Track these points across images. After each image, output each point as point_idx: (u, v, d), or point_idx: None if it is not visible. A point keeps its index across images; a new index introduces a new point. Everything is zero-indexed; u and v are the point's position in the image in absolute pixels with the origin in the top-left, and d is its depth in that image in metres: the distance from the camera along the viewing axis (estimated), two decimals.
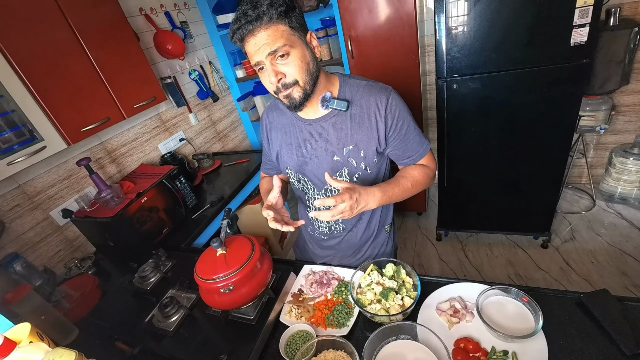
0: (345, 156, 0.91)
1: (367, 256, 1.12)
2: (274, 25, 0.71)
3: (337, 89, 0.89)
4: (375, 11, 1.87)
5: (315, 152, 0.93)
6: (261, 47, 0.72)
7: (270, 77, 0.76)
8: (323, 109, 0.88)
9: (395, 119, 0.87)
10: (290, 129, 0.96)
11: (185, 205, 1.69)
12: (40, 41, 1.16)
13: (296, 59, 0.75)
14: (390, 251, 1.15)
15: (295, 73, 0.77)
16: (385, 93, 0.87)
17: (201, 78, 2.27)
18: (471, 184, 2.01)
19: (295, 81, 0.78)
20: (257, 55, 0.74)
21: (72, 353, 0.71)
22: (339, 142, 0.90)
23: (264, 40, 0.71)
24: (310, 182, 0.99)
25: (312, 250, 1.18)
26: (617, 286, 1.81)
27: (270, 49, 0.72)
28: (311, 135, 0.92)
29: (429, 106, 2.60)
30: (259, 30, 0.71)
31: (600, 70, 1.97)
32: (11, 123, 1.09)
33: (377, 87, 0.88)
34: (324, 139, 0.91)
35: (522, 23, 1.46)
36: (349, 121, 0.88)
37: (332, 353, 0.76)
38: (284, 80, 0.77)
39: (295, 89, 0.79)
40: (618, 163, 2.23)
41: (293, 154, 0.97)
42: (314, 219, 1.05)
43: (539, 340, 0.72)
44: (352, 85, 0.89)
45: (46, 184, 1.44)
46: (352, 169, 0.92)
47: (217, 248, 0.88)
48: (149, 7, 1.92)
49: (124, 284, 1.27)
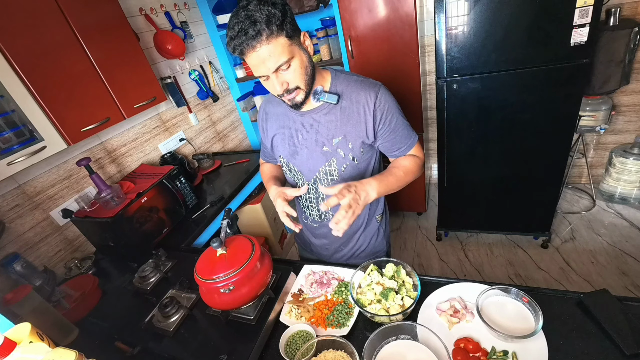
0: (334, 147, 0.95)
1: (360, 245, 1.15)
2: (274, 39, 0.73)
3: (329, 83, 0.93)
4: (375, 11, 1.87)
5: (306, 142, 0.97)
6: (265, 62, 0.76)
7: (276, 86, 0.81)
8: (314, 101, 0.91)
9: (384, 113, 0.91)
10: (284, 119, 1.00)
11: (185, 205, 1.69)
12: (41, 41, 1.16)
13: (297, 67, 0.80)
14: (382, 240, 1.18)
15: (297, 80, 0.82)
16: (374, 89, 0.90)
17: (201, 78, 2.27)
18: (471, 184, 2.01)
19: (297, 86, 0.83)
20: (261, 69, 0.77)
21: (72, 353, 0.71)
22: (328, 133, 0.94)
23: (266, 55, 0.74)
24: (300, 172, 1.03)
25: (308, 239, 1.21)
26: (617, 286, 1.81)
27: (274, 66, 0.76)
28: (303, 126, 0.97)
29: (429, 106, 2.60)
30: (260, 45, 0.73)
31: (600, 70, 1.97)
32: (11, 123, 1.09)
33: (367, 83, 0.92)
34: (315, 129, 0.95)
35: (522, 23, 1.46)
36: (338, 113, 0.92)
37: (332, 353, 0.76)
38: (288, 87, 0.82)
39: (298, 93, 0.84)
40: (618, 163, 2.23)
41: (285, 143, 1.01)
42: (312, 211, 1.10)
43: (539, 340, 0.72)
44: (343, 80, 0.93)
45: (46, 184, 1.44)
46: (340, 160, 0.96)
47: (217, 248, 0.88)
48: (149, 7, 1.92)
49: (124, 284, 1.27)
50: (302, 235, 1.24)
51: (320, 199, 1.05)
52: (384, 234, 1.18)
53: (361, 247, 1.15)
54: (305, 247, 1.27)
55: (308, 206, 1.10)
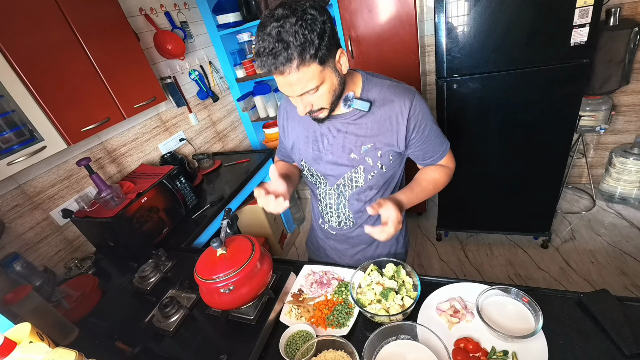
0: (362, 154, 0.91)
1: (380, 252, 1.11)
2: (305, 67, 0.68)
3: (360, 88, 0.88)
4: (375, 11, 1.87)
5: (332, 147, 0.93)
6: (292, 86, 0.72)
7: (299, 107, 0.79)
8: (345, 107, 0.87)
9: (418, 121, 0.87)
10: (308, 121, 0.95)
11: (185, 205, 1.69)
12: (41, 41, 1.16)
13: (325, 92, 0.77)
14: (401, 247, 1.14)
15: (322, 103, 0.79)
16: (409, 95, 0.86)
17: (201, 78, 2.27)
18: (471, 184, 2.01)
19: (322, 107, 0.80)
20: (287, 90, 0.75)
21: (72, 353, 0.71)
22: (357, 140, 0.90)
23: (294, 81, 0.71)
24: (323, 176, 0.99)
25: (325, 242, 1.17)
26: (617, 286, 1.81)
27: (301, 92, 0.73)
28: (329, 131, 0.92)
29: (429, 106, 2.60)
30: (289, 71, 0.68)
31: (600, 70, 1.97)
32: (11, 123, 1.09)
33: (401, 89, 0.87)
34: (342, 135, 0.91)
35: (522, 23, 1.46)
36: (369, 120, 0.88)
37: (332, 353, 0.76)
38: (312, 108, 0.80)
39: (321, 112, 0.82)
40: (618, 163, 2.23)
41: (309, 148, 0.97)
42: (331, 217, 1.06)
43: (539, 340, 0.72)
44: (375, 85, 0.88)
45: (46, 184, 1.44)
46: (368, 167, 0.92)
47: (217, 248, 0.88)
48: (149, 7, 1.92)
49: (124, 284, 1.27)
50: (315, 240, 1.21)
51: (341, 205, 1.01)
52: (404, 241, 1.15)
53: (381, 255, 1.11)
54: (318, 252, 1.24)
55: (328, 212, 1.06)
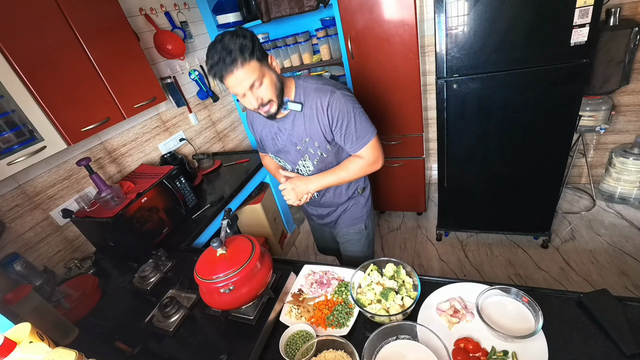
0: (304, 146, 1.13)
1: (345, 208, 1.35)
2: (247, 63, 0.90)
3: (293, 92, 1.07)
4: (375, 11, 1.87)
5: (284, 143, 1.16)
6: (241, 82, 0.92)
7: (252, 101, 0.98)
8: (284, 111, 1.08)
9: (335, 117, 1.05)
10: (266, 124, 1.19)
11: (185, 205, 1.69)
12: (41, 41, 1.16)
13: (268, 84, 0.97)
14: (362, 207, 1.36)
15: (269, 94, 0.98)
16: (327, 94, 1.04)
17: (201, 78, 2.27)
18: (471, 184, 2.01)
19: (270, 100, 0.99)
20: (239, 88, 0.94)
21: (72, 353, 0.71)
22: (298, 135, 1.12)
23: (242, 77, 0.91)
24: (285, 162, 1.25)
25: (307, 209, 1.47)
26: (617, 286, 1.81)
27: (249, 83, 0.93)
28: (279, 130, 1.15)
29: (429, 106, 2.60)
30: (236, 69, 0.90)
31: (600, 70, 1.97)
32: (11, 123, 1.09)
33: (323, 90, 1.05)
34: (288, 133, 1.13)
35: (522, 23, 1.46)
36: (302, 118, 1.08)
37: (332, 353, 0.76)
38: (262, 101, 0.99)
39: (271, 105, 1.01)
40: (618, 163, 2.22)
41: (270, 144, 1.22)
42: None
43: (539, 340, 0.72)
44: (304, 89, 1.07)
45: (46, 184, 1.44)
46: (311, 155, 1.15)
47: (217, 248, 0.88)
48: (149, 7, 1.92)
49: (124, 284, 1.28)
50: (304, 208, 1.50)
51: None
52: (365, 203, 1.38)
53: (346, 210, 1.36)
54: (308, 216, 1.55)
55: None
